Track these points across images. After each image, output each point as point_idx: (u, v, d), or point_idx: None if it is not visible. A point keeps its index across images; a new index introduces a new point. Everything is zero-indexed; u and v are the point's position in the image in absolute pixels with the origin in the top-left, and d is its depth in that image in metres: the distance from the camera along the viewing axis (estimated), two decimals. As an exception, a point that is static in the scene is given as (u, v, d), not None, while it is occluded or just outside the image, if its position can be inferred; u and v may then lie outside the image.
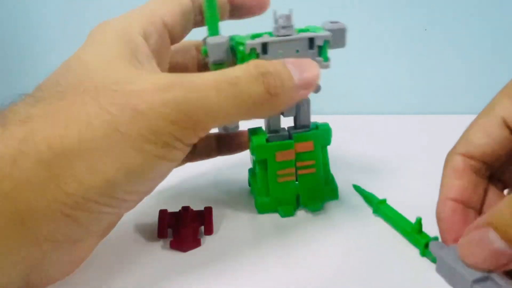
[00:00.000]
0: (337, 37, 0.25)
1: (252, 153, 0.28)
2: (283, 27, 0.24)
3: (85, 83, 0.19)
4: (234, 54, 0.25)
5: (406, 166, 0.34)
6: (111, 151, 0.18)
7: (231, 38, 0.25)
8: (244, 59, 0.23)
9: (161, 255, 0.25)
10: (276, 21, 0.24)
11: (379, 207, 0.27)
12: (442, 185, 0.20)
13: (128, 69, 0.20)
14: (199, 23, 0.26)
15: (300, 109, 0.28)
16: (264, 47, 0.24)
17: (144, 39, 0.21)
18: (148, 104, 0.18)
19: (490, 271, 0.16)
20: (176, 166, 0.21)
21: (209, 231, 0.27)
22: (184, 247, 0.26)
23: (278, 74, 0.20)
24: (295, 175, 0.28)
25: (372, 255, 0.25)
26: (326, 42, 0.24)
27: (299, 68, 0.21)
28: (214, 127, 0.20)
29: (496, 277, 0.17)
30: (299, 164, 0.28)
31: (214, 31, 0.24)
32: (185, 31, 0.25)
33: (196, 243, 0.26)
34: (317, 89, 0.25)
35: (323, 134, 0.28)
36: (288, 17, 0.24)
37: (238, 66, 0.20)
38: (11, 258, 0.18)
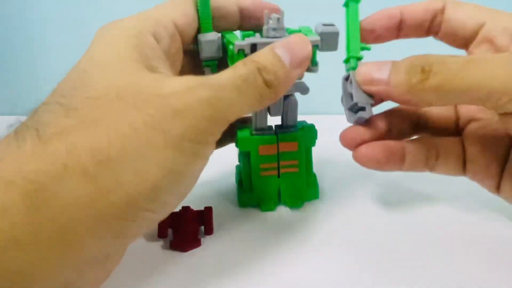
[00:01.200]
0: (329, 40, 0.25)
1: (236, 145, 0.28)
2: (273, 29, 0.24)
3: (113, 89, 0.18)
4: (225, 51, 0.25)
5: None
6: (154, 154, 0.17)
7: (223, 35, 0.25)
8: (233, 57, 0.24)
9: (161, 255, 0.25)
10: (267, 22, 0.24)
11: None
12: None
13: (149, 75, 0.20)
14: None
15: (288, 109, 0.27)
16: (253, 47, 0.24)
17: (156, 41, 0.21)
18: (185, 104, 0.18)
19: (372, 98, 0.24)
20: None
21: (209, 231, 0.27)
22: (184, 247, 0.25)
23: (270, 67, 0.20)
24: (278, 172, 0.29)
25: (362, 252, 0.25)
26: (315, 47, 0.24)
27: (289, 50, 0.21)
28: (231, 121, 0.20)
29: (370, 108, 0.24)
30: (282, 163, 0.29)
31: (207, 28, 0.24)
32: (195, 34, 0.25)
33: (197, 243, 0.26)
34: (305, 91, 0.26)
35: (308, 135, 0.28)
36: (278, 19, 0.23)
37: (241, 63, 0.20)
38: (50, 282, 0.17)
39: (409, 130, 0.27)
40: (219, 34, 0.25)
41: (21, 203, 0.16)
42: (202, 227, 0.27)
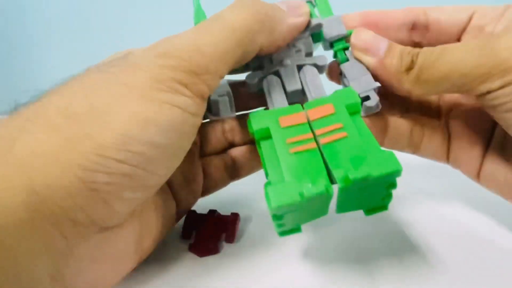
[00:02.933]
0: (332, 24, 0.25)
1: (250, 128, 0.22)
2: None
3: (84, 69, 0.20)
4: None
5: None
6: (120, 105, 0.18)
7: None
8: None
9: (177, 256, 0.25)
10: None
11: None
12: None
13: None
14: None
15: (306, 79, 0.23)
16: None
17: None
18: (144, 58, 0.19)
19: None
20: (220, 186, 0.26)
21: (230, 238, 0.26)
22: (200, 252, 0.25)
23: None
24: (317, 145, 0.20)
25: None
26: (308, 2, 0.25)
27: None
28: (215, 69, 0.20)
29: (374, 94, 0.23)
30: (318, 131, 0.20)
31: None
32: None
33: (214, 250, 0.25)
34: (324, 61, 0.24)
35: (344, 93, 0.22)
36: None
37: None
38: (30, 246, 0.16)
39: (398, 108, 0.26)
40: None
41: None
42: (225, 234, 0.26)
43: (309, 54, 0.25)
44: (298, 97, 0.24)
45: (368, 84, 0.23)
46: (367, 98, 0.23)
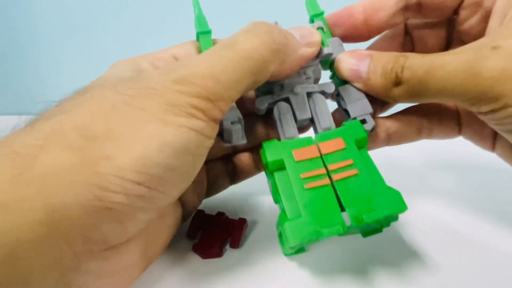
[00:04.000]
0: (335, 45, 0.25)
1: (264, 159, 0.22)
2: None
3: (98, 80, 0.21)
4: None
5: None
6: (138, 128, 0.18)
7: None
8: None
9: (180, 256, 0.25)
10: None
11: None
12: None
13: (133, 73, 0.22)
14: None
15: (316, 107, 0.24)
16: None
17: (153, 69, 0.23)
18: (160, 83, 0.19)
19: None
20: (220, 190, 0.26)
21: (234, 244, 0.25)
22: (203, 253, 0.25)
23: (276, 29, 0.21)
24: (330, 179, 0.21)
25: None
26: (319, 29, 0.25)
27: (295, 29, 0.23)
28: (230, 96, 0.20)
29: (371, 119, 0.24)
30: (331, 166, 0.21)
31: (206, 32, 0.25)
32: None
33: (217, 254, 0.25)
34: (330, 88, 0.25)
35: (352, 127, 0.22)
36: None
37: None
38: (42, 260, 0.16)
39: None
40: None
41: (6, 171, 0.16)
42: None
43: (317, 80, 0.26)
44: (305, 123, 0.25)
45: (364, 109, 0.24)
46: (363, 121, 0.24)
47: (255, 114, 0.26)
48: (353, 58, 0.23)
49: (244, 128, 0.23)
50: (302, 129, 0.26)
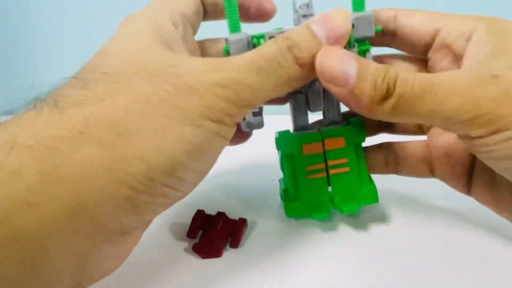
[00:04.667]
0: (363, 24, 0.23)
1: (278, 147, 0.26)
2: (304, 16, 0.23)
3: (131, 65, 0.19)
4: None
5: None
6: (172, 128, 0.18)
7: (253, 36, 0.24)
8: None
9: (179, 255, 0.25)
10: (296, 11, 0.23)
11: None
12: None
13: (167, 54, 0.20)
14: (206, 17, 0.26)
15: (329, 103, 0.26)
16: None
17: (174, 27, 0.22)
18: (202, 84, 0.18)
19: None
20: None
21: (234, 243, 0.25)
22: (203, 253, 0.25)
23: (304, 43, 0.20)
24: (327, 174, 0.26)
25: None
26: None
27: (326, 26, 0.20)
28: (256, 104, 0.20)
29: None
30: (330, 162, 0.26)
31: (235, 28, 0.24)
32: (197, 25, 0.25)
33: (216, 254, 0.25)
34: None
35: (355, 129, 0.26)
36: (308, 6, 0.23)
37: (269, 42, 0.20)
38: (64, 249, 0.16)
39: (373, 128, 0.27)
40: (249, 34, 0.24)
41: (34, 167, 0.16)
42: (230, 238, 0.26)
43: None
44: (319, 109, 0.26)
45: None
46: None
47: None
48: (338, 58, 0.20)
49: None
50: None
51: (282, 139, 0.26)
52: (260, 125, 0.26)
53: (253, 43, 0.24)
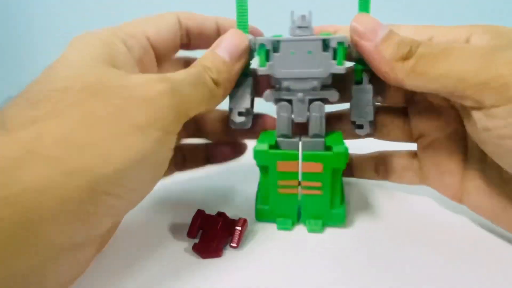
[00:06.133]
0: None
1: (254, 157, 0.26)
2: (299, 27, 0.24)
3: (78, 82, 0.19)
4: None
5: None
6: (121, 138, 0.19)
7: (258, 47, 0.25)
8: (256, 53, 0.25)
9: (179, 255, 0.25)
10: (293, 21, 0.24)
11: None
12: None
13: (114, 70, 0.21)
14: (186, 46, 0.28)
15: (311, 115, 0.26)
16: (276, 45, 0.24)
17: (126, 49, 0.23)
18: (148, 94, 0.20)
19: None
20: (165, 175, 0.25)
21: (235, 244, 0.25)
22: (202, 253, 0.25)
23: (212, 66, 0.23)
24: (298, 190, 0.26)
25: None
26: (340, 44, 0.24)
27: (226, 47, 0.24)
28: (192, 114, 0.22)
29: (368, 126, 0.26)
30: (304, 183, 0.26)
31: (243, 29, 0.25)
32: (172, 50, 0.27)
33: (216, 253, 0.25)
34: (334, 96, 0.25)
35: (336, 157, 0.25)
36: (304, 18, 0.23)
37: (191, 65, 0.23)
38: (9, 270, 0.16)
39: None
40: (251, 36, 0.24)
41: None
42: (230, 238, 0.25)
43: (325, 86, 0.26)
44: (302, 119, 0.26)
45: (366, 115, 0.26)
46: (361, 126, 0.26)
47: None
48: (373, 21, 0.23)
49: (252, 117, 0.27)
50: None
51: (258, 152, 0.25)
52: (244, 124, 0.27)
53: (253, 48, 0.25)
